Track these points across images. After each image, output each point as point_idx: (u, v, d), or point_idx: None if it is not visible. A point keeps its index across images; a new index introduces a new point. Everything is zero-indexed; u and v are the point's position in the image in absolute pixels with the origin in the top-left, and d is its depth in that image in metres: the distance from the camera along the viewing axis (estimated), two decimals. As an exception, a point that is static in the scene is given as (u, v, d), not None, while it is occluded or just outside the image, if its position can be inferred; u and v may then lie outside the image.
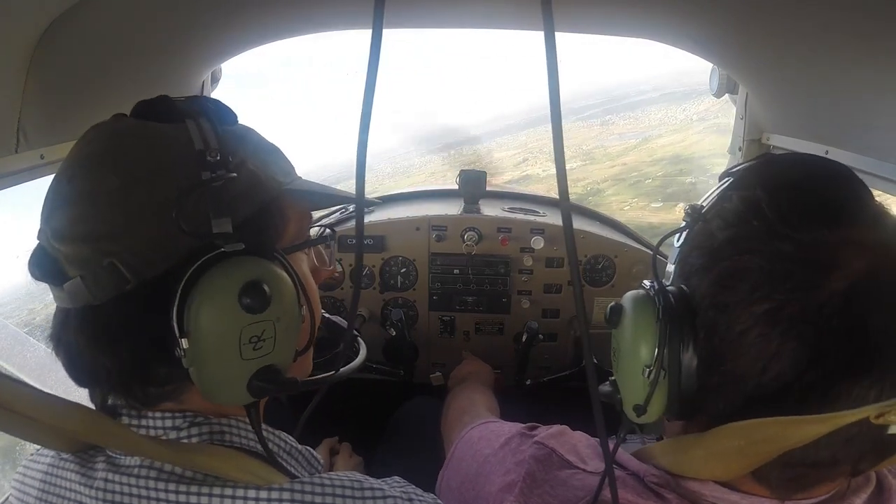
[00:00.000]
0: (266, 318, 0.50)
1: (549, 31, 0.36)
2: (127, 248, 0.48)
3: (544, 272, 1.65)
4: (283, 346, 0.53)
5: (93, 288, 0.48)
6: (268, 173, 0.57)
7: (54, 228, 0.50)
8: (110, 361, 0.50)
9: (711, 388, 0.50)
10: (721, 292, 0.49)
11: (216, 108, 0.56)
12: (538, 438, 0.67)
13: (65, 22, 0.81)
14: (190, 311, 0.48)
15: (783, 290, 0.45)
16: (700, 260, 0.52)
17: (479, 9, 1.22)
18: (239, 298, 0.48)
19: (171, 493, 0.49)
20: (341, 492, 0.52)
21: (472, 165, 2.02)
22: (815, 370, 0.44)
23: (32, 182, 0.86)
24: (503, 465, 0.67)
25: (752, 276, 0.47)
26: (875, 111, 0.93)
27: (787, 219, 0.47)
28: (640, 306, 0.53)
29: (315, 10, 1.19)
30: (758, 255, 0.47)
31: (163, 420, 0.53)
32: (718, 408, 0.50)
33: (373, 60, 0.38)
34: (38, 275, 0.51)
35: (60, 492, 0.54)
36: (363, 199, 0.44)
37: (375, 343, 1.68)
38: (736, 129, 1.42)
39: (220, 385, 0.51)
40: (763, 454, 0.46)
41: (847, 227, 0.46)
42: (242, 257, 0.50)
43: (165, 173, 0.50)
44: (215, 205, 0.50)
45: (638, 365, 0.51)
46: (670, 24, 1.20)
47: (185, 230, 0.48)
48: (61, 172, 0.52)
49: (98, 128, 0.54)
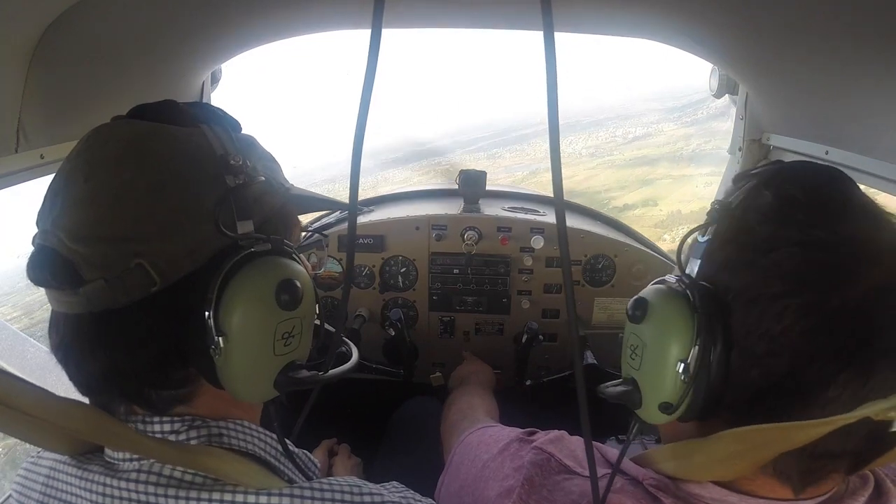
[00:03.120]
0: (297, 315, 0.52)
1: (548, 31, 0.36)
2: (157, 250, 0.48)
3: (544, 272, 1.65)
4: (306, 343, 0.56)
5: (118, 290, 0.47)
6: (276, 179, 0.59)
7: (71, 230, 0.47)
8: (129, 365, 0.50)
9: (739, 384, 0.49)
10: (761, 286, 0.48)
11: (224, 116, 0.58)
12: (537, 444, 0.67)
13: (65, 22, 0.81)
14: (226, 308, 0.48)
15: (822, 283, 0.45)
16: (737, 254, 0.51)
17: (478, 9, 1.22)
18: (276, 295, 0.50)
19: (171, 497, 0.49)
20: (340, 497, 0.52)
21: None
22: (845, 364, 0.44)
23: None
24: (501, 471, 0.67)
25: (792, 271, 0.47)
26: (875, 111, 0.93)
27: (827, 213, 0.47)
28: (671, 300, 0.52)
29: (314, 10, 1.19)
30: (799, 248, 0.47)
31: (161, 424, 0.53)
32: (738, 404, 0.50)
33: (371, 61, 0.38)
34: (45, 279, 0.48)
35: (62, 495, 0.54)
36: (356, 206, 0.45)
37: (375, 343, 1.68)
38: (736, 129, 1.42)
39: (250, 381, 0.52)
40: (765, 456, 0.47)
41: (876, 228, 0.47)
42: (272, 257, 0.52)
43: (195, 177, 0.51)
44: (240, 208, 0.51)
45: (670, 361, 0.50)
46: (670, 24, 1.20)
47: (226, 233, 0.50)
48: (74, 172, 0.50)
49: (109, 129, 0.53)
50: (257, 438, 0.58)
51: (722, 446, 0.48)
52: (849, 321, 0.45)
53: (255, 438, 0.57)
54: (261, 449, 0.58)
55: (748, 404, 0.49)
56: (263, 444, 0.58)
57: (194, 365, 0.51)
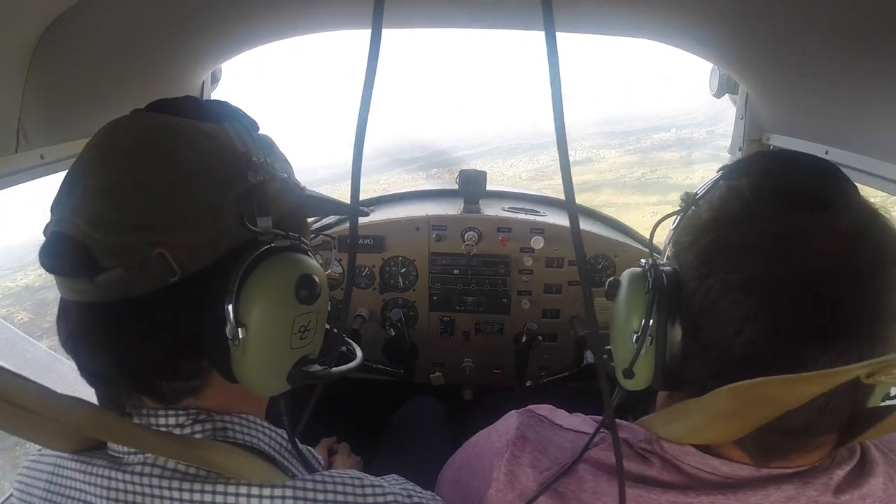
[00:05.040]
0: (313, 310, 0.53)
1: (549, 31, 0.36)
2: (179, 241, 0.48)
3: (544, 272, 1.65)
4: (319, 337, 0.57)
5: (137, 279, 0.47)
6: (292, 179, 0.60)
7: (91, 217, 0.47)
8: (141, 355, 0.50)
9: (693, 356, 0.53)
10: (702, 265, 0.53)
11: (244, 114, 0.59)
12: (528, 408, 0.70)
13: (65, 22, 0.81)
14: (246, 301, 0.49)
15: (756, 262, 0.49)
16: (687, 237, 0.56)
17: (479, 9, 1.22)
18: (296, 290, 0.51)
19: (175, 490, 0.50)
20: (342, 489, 0.52)
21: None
22: (784, 338, 0.47)
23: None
24: (493, 437, 0.70)
25: (729, 250, 0.51)
26: (875, 111, 0.93)
27: (765, 202, 0.51)
28: (633, 280, 0.58)
29: (315, 10, 1.19)
30: (736, 232, 0.51)
31: (166, 418, 0.53)
32: (699, 375, 0.53)
33: (372, 61, 0.38)
34: (61, 266, 0.47)
35: (66, 491, 0.55)
36: (357, 208, 0.46)
37: (375, 343, 1.68)
38: (736, 129, 1.42)
39: (265, 374, 0.53)
40: (760, 416, 0.47)
41: (820, 212, 0.49)
42: (291, 252, 0.53)
43: (219, 171, 0.51)
44: (261, 204, 0.52)
45: (628, 332, 0.55)
46: (670, 24, 1.20)
47: (249, 227, 0.51)
48: (96, 161, 0.50)
49: (130, 121, 0.53)
50: (262, 433, 0.58)
51: (717, 404, 0.48)
52: (790, 295, 0.47)
53: (259, 433, 0.58)
54: (265, 444, 0.58)
55: (708, 373, 0.52)
56: (268, 439, 0.58)
57: (208, 357, 0.52)
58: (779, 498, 0.51)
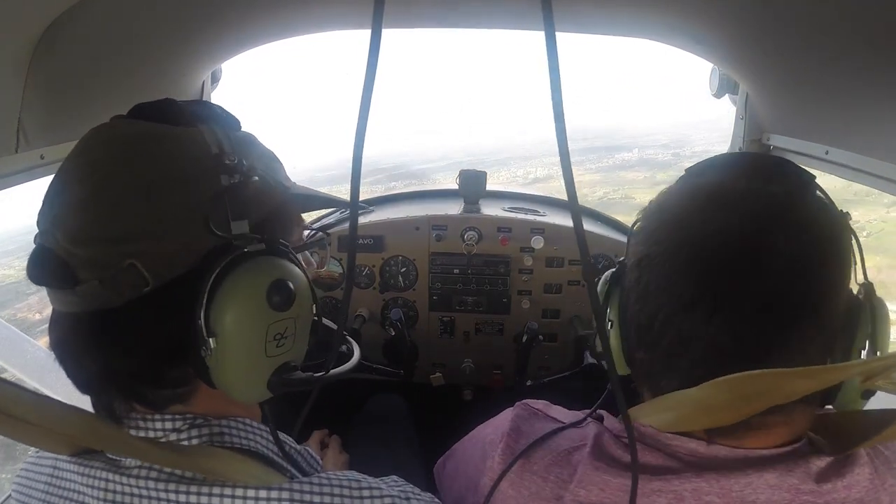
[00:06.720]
0: (289, 316, 0.52)
1: (549, 31, 0.36)
2: (149, 250, 0.48)
3: (544, 272, 1.65)
4: (300, 344, 0.55)
5: (111, 291, 0.47)
6: (275, 178, 0.59)
7: (68, 231, 0.48)
8: (125, 364, 0.50)
9: (652, 343, 0.56)
10: (637, 255, 0.59)
11: (223, 114, 0.57)
12: (525, 402, 0.70)
13: (65, 22, 0.81)
14: (217, 309, 0.48)
15: (671, 239, 0.54)
16: (633, 235, 0.63)
17: (478, 9, 1.22)
18: (268, 296, 0.50)
19: (172, 493, 0.50)
20: (339, 491, 0.52)
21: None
22: (689, 312, 0.51)
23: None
24: (491, 428, 0.71)
25: (644, 233, 0.58)
26: (875, 111, 0.93)
27: (686, 198, 0.56)
28: (606, 275, 0.63)
29: (314, 10, 1.19)
30: (653, 220, 0.58)
31: (163, 423, 0.53)
32: (649, 363, 0.56)
33: (371, 61, 0.38)
34: (42, 278, 0.48)
35: (65, 493, 0.55)
36: (357, 203, 0.45)
37: (375, 343, 1.68)
38: (736, 129, 1.42)
39: (243, 383, 0.52)
40: (752, 407, 0.47)
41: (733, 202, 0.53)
42: (265, 257, 0.52)
43: (188, 177, 0.50)
44: (235, 208, 0.51)
45: (605, 322, 0.61)
46: (670, 23, 1.20)
47: (218, 233, 0.49)
48: (71, 173, 0.50)
49: (108, 130, 0.53)
50: (259, 436, 0.58)
51: (710, 396, 0.48)
52: (702, 269, 0.51)
53: (256, 436, 0.58)
54: (263, 446, 0.58)
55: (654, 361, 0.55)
56: (265, 442, 0.58)
57: (190, 365, 0.51)
58: (761, 485, 0.50)
